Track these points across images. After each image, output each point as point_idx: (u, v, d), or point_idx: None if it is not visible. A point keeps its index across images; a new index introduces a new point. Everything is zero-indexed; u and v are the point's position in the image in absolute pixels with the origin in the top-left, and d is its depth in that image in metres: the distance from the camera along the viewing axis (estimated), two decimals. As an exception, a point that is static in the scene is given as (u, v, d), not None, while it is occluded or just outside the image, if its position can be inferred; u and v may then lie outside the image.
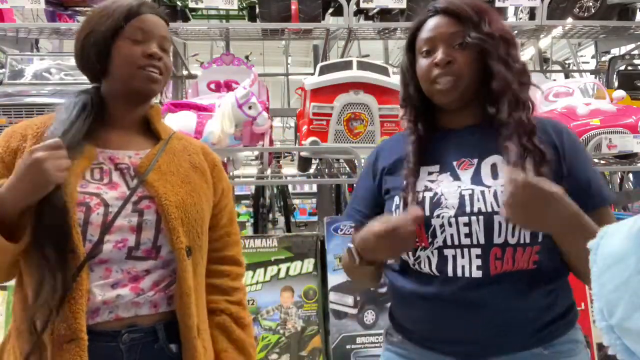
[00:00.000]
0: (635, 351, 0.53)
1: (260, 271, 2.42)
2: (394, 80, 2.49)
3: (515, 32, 3.23)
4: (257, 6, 3.15)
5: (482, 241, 0.92)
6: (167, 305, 0.98)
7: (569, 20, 3.19)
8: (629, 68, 3.44)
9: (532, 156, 0.90)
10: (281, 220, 4.79)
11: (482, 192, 0.93)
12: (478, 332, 0.93)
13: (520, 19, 3.52)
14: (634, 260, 0.54)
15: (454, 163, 1.00)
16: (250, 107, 2.37)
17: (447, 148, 1.02)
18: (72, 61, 2.88)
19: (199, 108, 2.49)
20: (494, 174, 0.95)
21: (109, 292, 0.92)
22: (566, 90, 2.91)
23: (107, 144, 1.02)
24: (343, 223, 2.54)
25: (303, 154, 2.58)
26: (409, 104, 1.08)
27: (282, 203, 4.72)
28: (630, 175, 4.06)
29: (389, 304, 1.16)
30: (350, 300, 2.41)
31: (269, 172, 2.89)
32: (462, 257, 0.93)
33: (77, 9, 3.65)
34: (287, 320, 2.40)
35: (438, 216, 0.94)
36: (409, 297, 1.00)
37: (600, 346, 2.48)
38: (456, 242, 0.93)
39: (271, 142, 2.62)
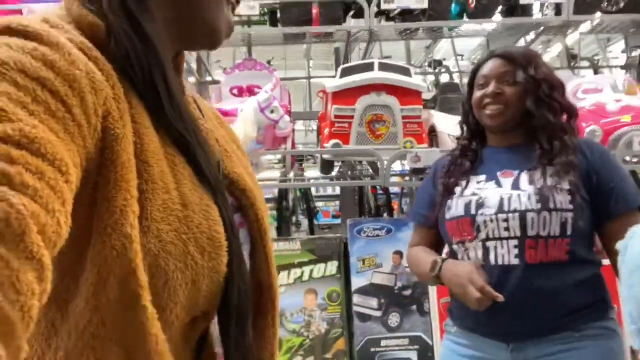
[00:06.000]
0: (668, 355, 0.51)
1: (283, 274, 2.43)
2: (416, 81, 2.47)
3: (541, 28, 3.16)
4: (278, 11, 3.18)
5: (517, 234, 1.12)
6: None
7: (597, 15, 3.10)
8: (662, 62, 3.31)
9: (565, 169, 1.11)
10: (304, 222, 4.80)
11: (519, 195, 1.14)
12: (515, 315, 1.09)
13: (546, 14, 3.44)
14: (665, 261, 0.52)
15: (498, 173, 1.22)
16: (272, 111, 2.39)
17: (492, 162, 1.26)
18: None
19: (222, 113, 2.52)
20: (531, 182, 1.15)
21: None
22: (595, 86, 2.83)
23: None
24: (366, 225, 2.53)
25: (325, 156, 2.58)
26: (467, 128, 1.33)
27: (305, 206, 4.73)
28: (664, 174, 3.92)
29: (413, 307, 1.33)
30: (374, 302, 2.39)
31: (291, 175, 2.89)
32: (502, 247, 1.13)
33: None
34: (311, 323, 2.40)
35: (481, 214, 1.16)
36: None
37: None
38: (497, 235, 1.14)
39: (293, 145, 2.63)
